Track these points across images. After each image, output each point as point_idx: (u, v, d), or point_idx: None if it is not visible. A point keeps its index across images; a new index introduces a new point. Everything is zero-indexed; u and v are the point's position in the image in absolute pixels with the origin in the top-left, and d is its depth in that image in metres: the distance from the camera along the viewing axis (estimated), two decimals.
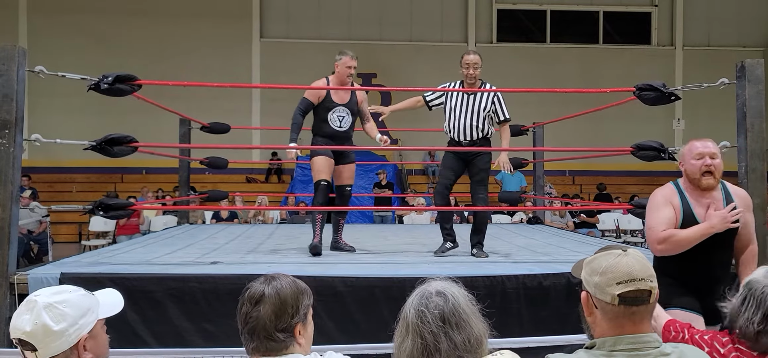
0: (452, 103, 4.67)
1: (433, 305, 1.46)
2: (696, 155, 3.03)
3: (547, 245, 5.49)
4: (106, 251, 5.21)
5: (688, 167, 3.07)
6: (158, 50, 14.72)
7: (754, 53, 14.63)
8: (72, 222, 12.47)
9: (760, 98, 3.92)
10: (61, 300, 1.56)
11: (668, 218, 2.97)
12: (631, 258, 1.58)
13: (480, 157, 4.65)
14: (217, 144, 6.31)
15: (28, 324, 1.53)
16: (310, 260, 4.43)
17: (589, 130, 14.27)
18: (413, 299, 1.51)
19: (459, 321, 1.45)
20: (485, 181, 4.69)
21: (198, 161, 6.91)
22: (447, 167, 4.70)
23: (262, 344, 1.61)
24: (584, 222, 11.25)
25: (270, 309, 1.61)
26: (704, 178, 2.99)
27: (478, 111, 4.62)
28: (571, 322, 3.40)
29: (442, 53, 14.72)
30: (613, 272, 1.56)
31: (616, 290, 1.55)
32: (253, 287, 1.66)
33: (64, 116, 13.85)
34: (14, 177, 3.66)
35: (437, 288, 1.51)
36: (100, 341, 1.63)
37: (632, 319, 1.56)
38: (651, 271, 1.58)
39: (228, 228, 7.37)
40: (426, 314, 1.45)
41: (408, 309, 1.49)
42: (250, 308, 1.63)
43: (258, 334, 1.61)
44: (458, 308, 1.47)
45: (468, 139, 4.63)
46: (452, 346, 1.42)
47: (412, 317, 1.46)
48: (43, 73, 3.93)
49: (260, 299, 1.63)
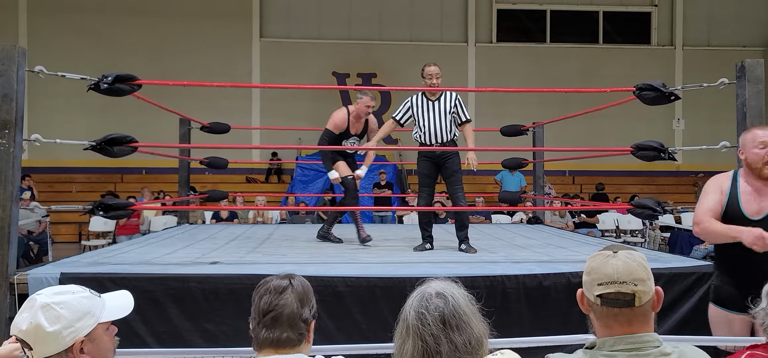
0: (420, 111, 4.99)
1: (433, 307, 1.46)
2: (759, 144, 2.96)
3: (547, 245, 5.48)
4: (106, 251, 5.21)
5: (749, 156, 3.00)
6: (158, 50, 14.72)
7: (753, 53, 14.62)
8: (72, 222, 12.47)
9: (760, 98, 3.92)
10: (60, 301, 1.55)
11: (711, 204, 2.97)
12: (619, 260, 1.57)
13: (451, 159, 4.98)
14: (217, 144, 6.31)
15: (25, 323, 1.52)
16: (310, 260, 4.43)
17: (589, 130, 14.26)
18: (413, 300, 1.50)
19: (459, 323, 1.45)
20: (460, 180, 5.01)
21: (198, 161, 6.91)
22: (425, 175, 5.04)
23: (284, 332, 1.64)
24: (584, 222, 11.25)
25: (296, 297, 1.67)
26: (766, 167, 2.93)
27: (444, 114, 4.94)
28: (571, 322, 3.40)
29: (442, 53, 14.71)
30: (597, 273, 1.58)
31: (596, 290, 1.57)
32: (273, 281, 1.72)
33: (64, 116, 13.84)
34: (14, 177, 3.66)
35: (437, 289, 1.50)
36: (101, 345, 1.60)
37: (617, 320, 1.56)
38: (640, 274, 1.55)
39: (228, 228, 7.36)
40: (426, 317, 1.44)
41: (408, 311, 1.49)
42: (274, 296, 1.67)
43: (282, 322, 1.64)
44: (458, 310, 1.47)
45: (439, 142, 4.95)
46: (453, 348, 1.42)
47: (412, 320, 1.46)
48: (43, 73, 3.93)
49: (285, 289, 1.68)
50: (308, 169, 13.39)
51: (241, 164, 13.76)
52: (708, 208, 2.96)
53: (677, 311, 3.70)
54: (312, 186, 13.31)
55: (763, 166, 2.93)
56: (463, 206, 4.99)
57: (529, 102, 13.61)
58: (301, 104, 14.80)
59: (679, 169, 15.05)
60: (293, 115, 14.49)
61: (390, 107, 15.19)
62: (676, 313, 3.70)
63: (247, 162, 14.01)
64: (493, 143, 8.24)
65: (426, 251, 4.96)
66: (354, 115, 5.56)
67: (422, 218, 5.22)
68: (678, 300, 3.71)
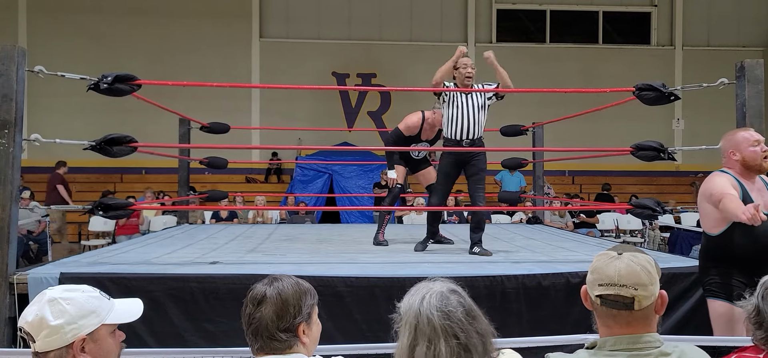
0: (455, 102, 4.76)
1: (456, 303, 1.45)
2: (754, 142, 3.21)
3: (546, 245, 5.49)
4: (106, 250, 5.21)
5: (747, 154, 3.21)
6: (158, 50, 14.71)
7: (753, 53, 14.62)
8: (72, 222, 12.46)
9: (760, 98, 3.92)
10: (67, 297, 1.58)
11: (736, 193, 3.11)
12: (622, 263, 1.57)
13: (478, 157, 4.77)
14: (217, 144, 6.31)
15: (31, 315, 1.56)
16: (310, 260, 4.43)
17: (588, 130, 14.26)
18: (430, 301, 1.44)
19: (476, 314, 1.47)
20: (483, 180, 4.83)
21: (197, 161, 6.91)
22: (446, 174, 4.85)
23: (266, 344, 1.65)
24: (584, 222, 11.25)
25: (272, 309, 1.65)
26: (765, 161, 3.18)
27: (478, 109, 4.74)
28: (571, 322, 3.41)
29: (441, 53, 14.61)
30: (599, 273, 1.59)
31: (596, 290, 1.58)
32: (255, 289, 1.70)
33: (64, 116, 13.83)
34: (14, 177, 3.66)
35: (447, 287, 1.49)
36: (103, 346, 1.61)
37: (616, 320, 1.57)
38: (642, 279, 1.55)
39: (227, 228, 7.37)
40: (454, 313, 1.43)
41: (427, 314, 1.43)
42: (253, 308, 1.67)
43: (261, 334, 1.65)
44: (471, 302, 1.49)
45: (469, 139, 4.73)
46: (479, 337, 1.43)
47: (438, 320, 1.41)
48: (43, 73, 3.93)
49: (262, 299, 1.67)
50: (308, 169, 13.40)
51: (241, 164, 13.75)
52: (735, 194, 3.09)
53: (677, 311, 3.70)
54: (311, 186, 13.31)
55: (762, 161, 3.18)
56: (481, 206, 4.79)
57: (529, 102, 13.57)
58: (301, 104, 14.80)
59: (678, 170, 15.05)
60: (293, 115, 14.48)
61: (390, 107, 15.20)
62: (676, 313, 3.70)
63: (246, 162, 14.00)
64: (493, 143, 8.22)
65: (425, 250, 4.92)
66: (430, 122, 5.39)
67: (434, 215, 5.15)
68: (678, 300, 3.72)
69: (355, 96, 15.24)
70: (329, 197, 12.56)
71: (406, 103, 13.73)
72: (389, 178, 5.40)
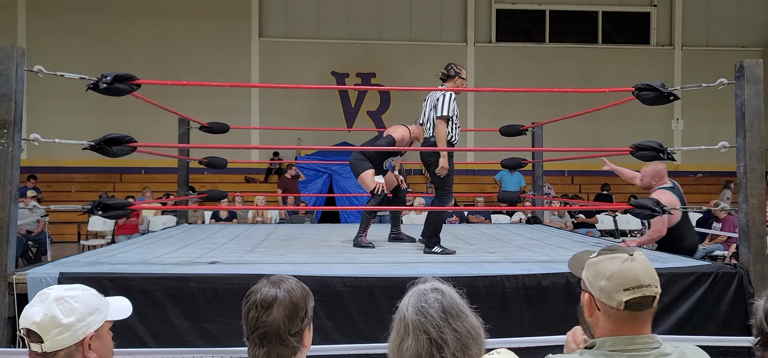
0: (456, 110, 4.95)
1: (433, 300, 1.47)
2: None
3: (546, 245, 5.49)
4: (105, 250, 5.20)
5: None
6: (157, 50, 14.71)
7: (752, 53, 14.64)
8: (71, 222, 12.45)
9: (759, 98, 3.92)
10: (73, 295, 1.59)
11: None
12: (638, 263, 1.57)
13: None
14: (216, 144, 6.30)
15: (38, 315, 1.55)
16: (309, 260, 4.42)
17: (588, 130, 14.27)
18: (409, 299, 1.51)
19: (459, 313, 1.47)
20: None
21: (197, 161, 6.90)
22: (451, 174, 4.91)
23: (273, 349, 1.56)
24: (583, 222, 11.25)
25: (283, 313, 1.57)
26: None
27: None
28: (570, 322, 3.40)
29: (441, 53, 14.70)
30: (621, 278, 1.56)
31: (623, 296, 1.55)
32: (261, 292, 1.60)
33: (63, 116, 13.82)
34: (13, 177, 3.65)
35: (431, 285, 1.52)
36: (105, 343, 1.64)
37: (635, 322, 1.58)
38: (655, 276, 1.59)
39: (227, 228, 7.36)
40: (427, 309, 1.45)
41: (405, 309, 1.49)
42: (260, 312, 1.57)
43: (270, 339, 1.55)
44: (455, 300, 1.50)
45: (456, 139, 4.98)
46: (457, 336, 1.43)
47: (412, 316, 1.46)
48: (42, 73, 3.92)
49: (272, 303, 1.58)
50: (307, 169, 13.39)
51: (240, 164, 13.76)
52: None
53: (677, 311, 3.70)
54: (311, 186, 13.31)
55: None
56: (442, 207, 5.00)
57: (529, 102, 13.60)
58: (300, 104, 14.80)
59: (678, 170, 15.03)
60: (292, 115, 14.49)
61: (389, 107, 15.21)
62: (676, 313, 3.70)
63: (246, 162, 14.01)
64: (493, 143, 8.25)
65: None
66: (414, 135, 5.51)
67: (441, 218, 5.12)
68: (678, 300, 3.72)
69: (354, 96, 15.25)
70: (329, 197, 12.56)
71: (405, 102, 13.77)
72: (377, 182, 5.48)
